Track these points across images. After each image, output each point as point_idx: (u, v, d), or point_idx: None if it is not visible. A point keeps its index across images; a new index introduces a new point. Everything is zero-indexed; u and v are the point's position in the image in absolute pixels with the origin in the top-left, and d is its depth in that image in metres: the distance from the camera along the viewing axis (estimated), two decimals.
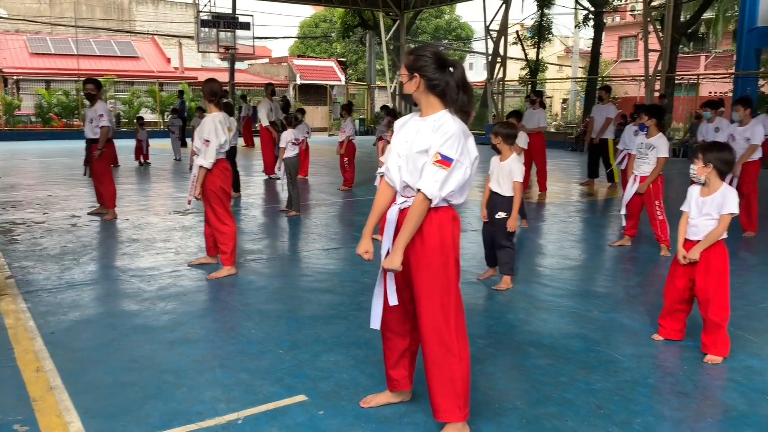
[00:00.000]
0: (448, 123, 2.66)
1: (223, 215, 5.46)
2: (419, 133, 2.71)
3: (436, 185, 2.62)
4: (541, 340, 4.09)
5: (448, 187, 2.65)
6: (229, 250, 5.46)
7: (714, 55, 35.52)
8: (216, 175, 5.35)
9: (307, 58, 37.92)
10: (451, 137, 2.62)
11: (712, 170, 3.74)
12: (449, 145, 2.61)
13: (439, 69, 2.68)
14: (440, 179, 2.62)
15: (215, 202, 5.40)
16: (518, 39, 27.98)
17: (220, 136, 5.29)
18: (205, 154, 5.26)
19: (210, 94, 5.39)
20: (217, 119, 5.32)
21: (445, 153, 2.61)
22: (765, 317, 4.57)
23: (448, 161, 2.61)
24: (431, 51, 2.73)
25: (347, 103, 11.39)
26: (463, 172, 2.68)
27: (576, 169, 14.66)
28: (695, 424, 3.03)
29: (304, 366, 3.63)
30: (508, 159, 5.23)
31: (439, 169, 2.61)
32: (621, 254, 6.57)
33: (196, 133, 5.38)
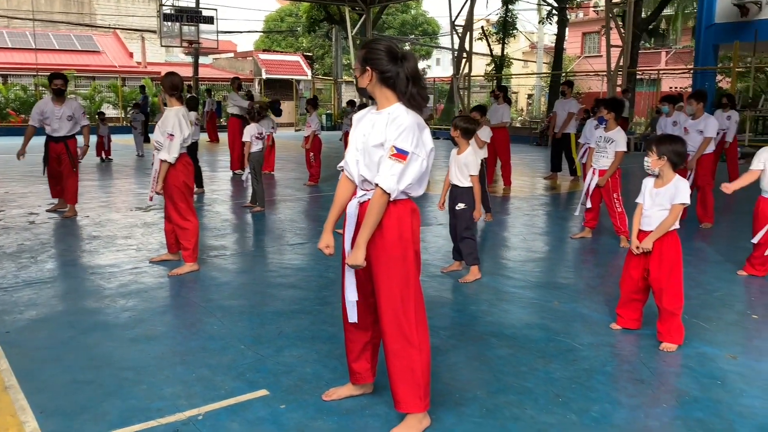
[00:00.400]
0: (402, 116, 2.67)
1: (186, 211, 5.40)
2: (374, 127, 2.72)
3: (393, 179, 2.63)
4: (502, 331, 4.14)
5: (406, 180, 2.67)
6: (191, 247, 5.40)
7: (674, 50, 36.30)
8: (178, 170, 5.28)
9: (272, 52, 37.61)
10: (405, 130, 2.63)
11: (665, 162, 3.83)
12: (403, 138, 2.63)
13: (391, 61, 2.69)
14: (397, 173, 2.63)
15: (177, 197, 5.33)
16: (483, 35, 28.16)
17: (184, 130, 5.23)
18: (169, 149, 5.19)
19: (171, 87, 5.32)
20: (180, 113, 5.26)
21: (400, 146, 2.62)
22: (719, 306, 4.70)
23: (404, 154, 2.63)
24: (383, 44, 2.74)
25: (312, 97, 11.35)
26: (419, 164, 2.69)
27: (540, 163, 14.84)
28: (650, 410, 3.11)
29: (267, 361, 3.62)
30: (465, 152, 5.28)
31: (395, 162, 2.63)
32: (582, 246, 6.68)
33: (158, 128, 5.30)
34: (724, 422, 2.98)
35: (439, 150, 17.48)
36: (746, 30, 19.66)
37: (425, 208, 8.71)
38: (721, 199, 7.87)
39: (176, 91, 5.34)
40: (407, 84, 2.69)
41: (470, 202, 5.27)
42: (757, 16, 20.21)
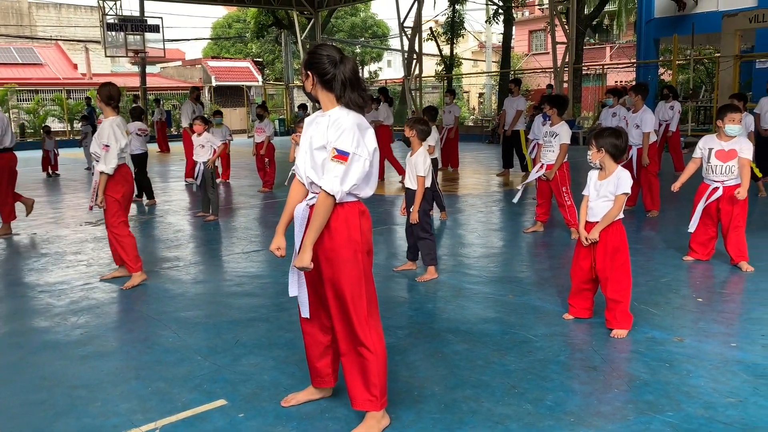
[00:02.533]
0: (342, 117, 2.71)
1: (119, 223, 5.27)
2: (318, 130, 2.75)
3: (336, 181, 2.65)
4: (459, 327, 4.20)
5: (349, 181, 2.69)
6: (133, 257, 5.30)
7: (618, 45, 37.25)
8: (117, 181, 5.19)
9: (221, 59, 37.16)
10: (345, 131, 2.66)
11: (605, 155, 3.95)
12: (344, 139, 2.66)
13: (330, 65, 2.73)
14: (339, 174, 2.65)
15: (115, 209, 5.23)
16: (432, 35, 28.41)
17: (120, 140, 5.15)
18: (105, 160, 5.10)
19: (107, 97, 5.24)
20: (114, 123, 5.19)
21: (340, 147, 2.65)
22: (666, 291, 4.85)
23: (345, 155, 2.65)
24: (325, 49, 2.79)
25: (262, 103, 11.28)
26: (362, 164, 2.72)
27: (493, 160, 15.05)
28: (602, 396, 3.20)
29: (224, 371, 3.59)
30: (416, 153, 5.33)
31: (337, 164, 2.65)
32: (535, 240, 6.81)
33: (95, 139, 5.23)
34: (673, 403, 3.08)
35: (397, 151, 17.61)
36: (684, 23, 20.32)
37: (381, 209, 8.75)
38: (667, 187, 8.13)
39: (112, 101, 5.27)
40: (344, 88, 2.73)
41: (422, 203, 5.30)
42: (694, 10, 20.92)
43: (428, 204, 5.49)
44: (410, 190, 5.37)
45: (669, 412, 2.99)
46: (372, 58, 44.22)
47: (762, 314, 4.28)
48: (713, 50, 23.22)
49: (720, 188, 5.28)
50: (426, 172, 5.29)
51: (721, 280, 5.14)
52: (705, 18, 20.02)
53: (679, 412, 3.00)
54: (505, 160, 12.30)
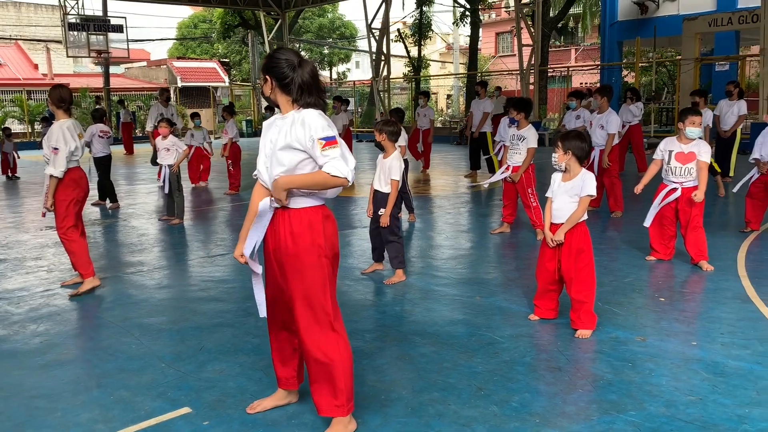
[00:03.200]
0: (307, 113, 2.70)
1: (69, 227, 5.14)
2: (280, 132, 2.73)
3: (341, 162, 2.62)
4: (426, 329, 4.20)
5: (350, 160, 2.69)
6: (83, 262, 5.18)
7: (583, 48, 37.85)
8: (67, 184, 5.08)
9: (187, 59, 36.72)
10: (315, 121, 2.66)
11: (571, 157, 4.00)
12: (322, 129, 2.65)
13: (289, 69, 2.72)
14: (338, 155, 2.63)
15: (61, 212, 5.11)
16: (400, 37, 28.48)
17: (70, 143, 5.04)
18: (54, 163, 4.99)
19: (58, 100, 5.12)
20: (65, 126, 5.08)
21: (323, 135, 2.64)
22: (630, 291, 4.93)
23: (332, 140, 2.64)
24: (284, 52, 2.78)
25: (228, 104, 11.17)
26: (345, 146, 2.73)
27: (461, 162, 15.13)
28: (567, 396, 3.23)
29: (188, 378, 3.53)
30: (390, 156, 5.32)
31: (330, 149, 2.63)
32: (501, 241, 6.86)
33: (44, 141, 5.12)
34: (635, 402, 3.13)
35: (362, 153, 17.58)
36: (646, 26, 20.76)
37: (348, 211, 8.73)
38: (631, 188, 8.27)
39: (63, 103, 5.15)
40: (301, 92, 2.72)
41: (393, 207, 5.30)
42: (655, 14, 21.39)
43: (397, 207, 5.49)
44: (380, 193, 5.36)
45: (632, 412, 3.04)
46: (340, 59, 44.17)
47: (721, 313, 4.38)
48: (675, 53, 23.74)
49: (679, 189, 5.39)
50: (399, 176, 5.29)
51: (682, 280, 5.25)
52: (666, 21, 20.48)
53: (641, 411, 3.04)
54: (472, 162, 12.39)
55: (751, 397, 3.15)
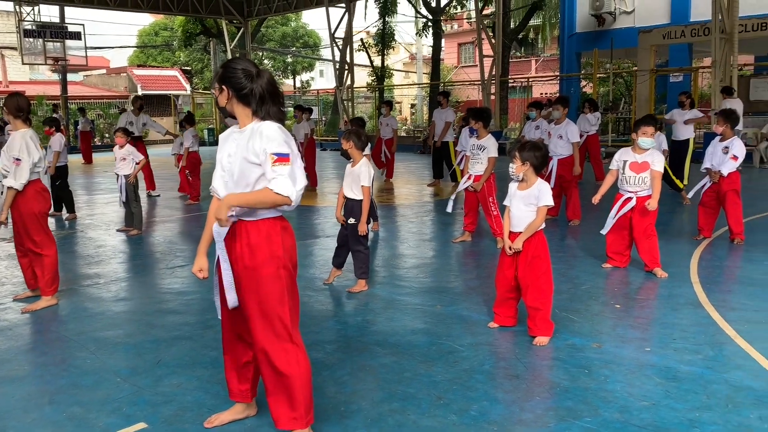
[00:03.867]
0: (266, 126, 2.68)
1: (43, 241, 5.03)
2: (239, 146, 2.71)
3: (288, 182, 2.59)
4: (387, 339, 4.21)
5: (300, 180, 2.65)
6: (49, 278, 5.05)
7: (543, 58, 38.51)
8: (30, 197, 4.92)
9: (148, 67, 36.18)
10: (272, 135, 2.64)
11: (528, 167, 4.07)
12: (277, 144, 2.62)
13: (246, 79, 2.70)
14: (285, 173, 2.60)
15: (33, 228, 4.96)
16: (363, 46, 28.58)
17: (33, 154, 4.89)
18: (16, 174, 4.83)
19: (16, 109, 4.95)
20: (27, 135, 4.92)
21: (277, 151, 2.61)
22: (586, 298, 5.02)
23: (285, 157, 2.62)
24: (240, 63, 2.76)
25: (187, 113, 11.05)
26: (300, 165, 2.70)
27: (425, 170, 15.22)
28: (525, 404, 3.27)
29: (144, 392, 3.47)
30: (359, 164, 5.33)
31: (281, 166, 2.60)
32: (463, 249, 6.92)
33: (4, 152, 4.95)
34: (591, 408, 3.19)
35: (326, 161, 17.52)
36: (604, 38, 21.24)
37: (311, 221, 8.70)
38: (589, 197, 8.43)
39: (21, 112, 4.98)
40: (261, 103, 2.71)
41: (360, 216, 5.31)
42: (612, 26, 21.90)
43: (370, 216, 5.51)
44: (351, 200, 5.35)
45: (587, 418, 3.09)
46: (304, 67, 44.09)
47: (674, 319, 4.49)
48: (631, 64, 24.31)
49: (634, 198, 5.53)
50: (370, 182, 5.30)
51: (637, 287, 5.37)
52: (623, 33, 20.99)
53: (596, 417, 3.10)
54: (435, 171, 12.48)
55: (702, 401, 3.24)
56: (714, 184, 6.67)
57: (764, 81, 17.07)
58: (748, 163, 13.77)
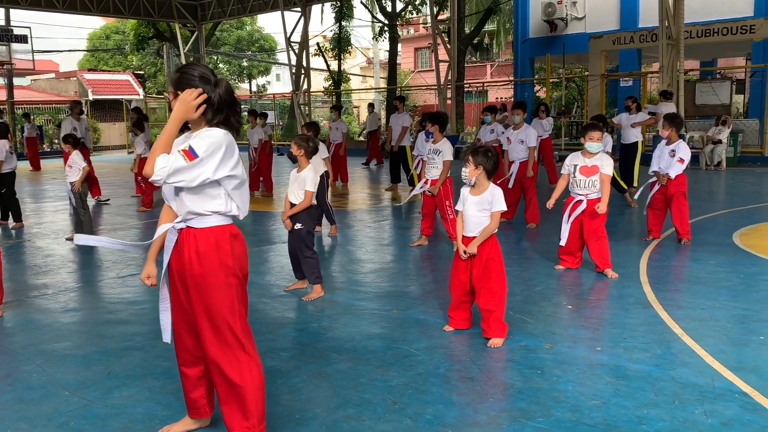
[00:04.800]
0: (213, 130, 2.64)
1: None
2: None
3: (167, 168, 2.51)
4: (343, 345, 4.20)
5: (176, 177, 2.54)
6: None
7: (498, 63, 39.06)
8: None
9: (99, 71, 35.36)
10: (207, 138, 2.59)
11: (481, 172, 4.12)
12: (201, 144, 2.57)
13: (204, 86, 2.67)
14: (173, 165, 2.52)
15: None
16: (320, 51, 28.53)
17: None
18: None
19: None
20: None
21: (194, 147, 2.56)
22: (539, 300, 5.11)
23: (192, 155, 2.55)
24: (197, 68, 2.71)
25: (138, 119, 10.84)
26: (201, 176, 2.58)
27: (383, 175, 15.27)
28: (479, 406, 3.31)
29: (94, 405, 3.38)
30: (305, 169, 5.31)
31: (180, 157, 2.54)
32: (420, 253, 6.96)
33: None
34: (543, 409, 3.24)
35: (284, 166, 17.41)
36: (556, 44, 21.67)
37: (267, 226, 8.63)
38: (544, 200, 8.57)
39: None
40: (216, 111, 2.67)
41: (307, 222, 5.29)
42: (564, 31, 22.35)
43: (313, 222, 5.48)
44: (294, 206, 5.33)
45: (539, 418, 3.14)
46: (260, 71, 43.74)
47: (624, 318, 4.60)
48: (583, 69, 24.86)
49: (584, 201, 5.65)
50: (315, 188, 5.28)
51: (589, 288, 5.48)
52: (574, 39, 21.45)
53: (548, 417, 3.15)
54: (392, 175, 12.54)
55: (650, 399, 3.32)
56: (662, 187, 6.87)
57: (709, 86, 17.69)
58: (694, 165, 14.24)
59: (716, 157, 14.96)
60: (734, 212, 8.94)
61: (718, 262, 6.09)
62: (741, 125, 16.48)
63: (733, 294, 5.12)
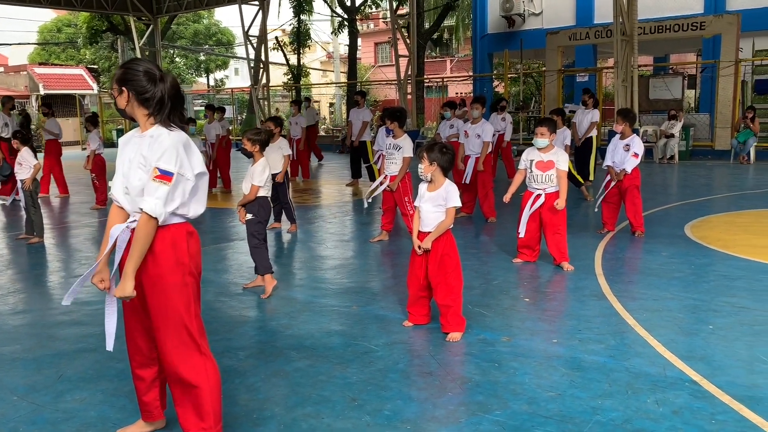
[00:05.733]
0: (163, 136, 2.59)
1: None
2: (138, 150, 2.61)
3: (158, 203, 2.52)
4: (302, 342, 4.18)
5: (174, 202, 2.58)
6: None
7: (457, 59, 39.32)
8: None
9: (51, 65, 34.37)
10: (167, 150, 2.55)
11: (436, 168, 4.13)
12: (167, 159, 2.53)
13: (149, 82, 2.61)
14: (162, 196, 2.53)
15: None
16: (278, 45, 28.25)
17: None
18: None
19: None
20: None
21: (163, 167, 2.53)
22: (497, 293, 5.16)
23: (168, 176, 2.53)
24: (141, 64, 2.66)
25: (91, 114, 10.58)
26: (187, 186, 2.61)
27: (344, 170, 15.21)
28: (437, 400, 3.32)
29: (44, 410, 3.29)
30: (258, 163, 5.27)
31: (160, 184, 2.52)
32: (381, 249, 6.96)
33: None
34: (500, 401, 3.28)
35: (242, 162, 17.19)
36: (514, 39, 21.90)
37: (225, 223, 8.52)
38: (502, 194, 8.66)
39: None
40: (162, 106, 2.62)
41: (258, 212, 5.25)
42: (522, 27, 22.61)
43: (266, 214, 5.43)
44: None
45: (497, 411, 3.17)
46: (218, 65, 43.10)
47: (579, 310, 4.68)
48: (540, 64, 25.18)
49: (542, 195, 5.73)
50: (264, 183, 5.24)
51: (546, 280, 5.56)
52: (532, 35, 21.72)
53: (506, 410, 3.19)
54: (353, 170, 12.51)
55: (604, 389, 3.39)
56: (617, 181, 6.99)
57: (662, 81, 18.11)
58: (648, 159, 14.60)
59: (669, 150, 15.35)
60: (686, 205, 9.19)
61: (671, 254, 6.25)
62: (692, 120, 16.94)
63: (684, 285, 5.26)
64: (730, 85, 15.87)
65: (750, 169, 13.73)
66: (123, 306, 2.79)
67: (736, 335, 4.10)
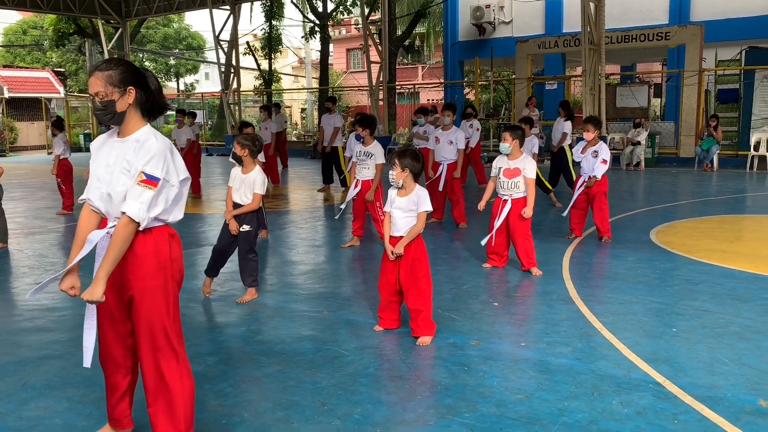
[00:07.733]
0: (151, 140, 2.56)
1: None
2: (120, 155, 2.58)
3: (142, 207, 2.49)
4: (272, 348, 4.17)
5: (157, 208, 2.56)
6: None
7: (429, 66, 39.56)
8: None
9: (15, 68, 33.67)
10: (155, 156, 2.53)
11: (408, 174, 4.17)
12: (154, 164, 2.52)
13: (149, 82, 2.62)
14: (146, 200, 2.50)
15: None
16: (250, 50, 28.13)
17: None
18: None
19: None
20: None
21: (149, 172, 2.51)
22: (467, 297, 5.21)
23: (155, 181, 2.51)
24: (129, 63, 2.64)
25: (56, 118, 10.41)
26: (171, 192, 2.60)
27: (315, 176, 15.19)
28: (407, 404, 3.35)
29: (8, 418, 3.23)
30: (253, 171, 5.23)
31: (145, 189, 2.50)
32: (352, 254, 6.97)
33: None
34: (469, 404, 3.31)
35: (213, 166, 17.07)
36: (484, 47, 22.15)
37: (195, 228, 8.45)
38: (472, 200, 8.75)
39: None
40: (155, 106, 2.66)
41: (253, 222, 5.22)
42: (492, 35, 22.88)
43: (259, 223, 5.42)
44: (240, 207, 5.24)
45: (466, 414, 3.21)
46: (188, 70, 42.72)
47: (547, 314, 4.75)
48: (510, 72, 25.48)
49: (509, 201, 5.81)
50: (263, 190, 5.22)
51: (515, 285, 5.63)
52: (502, 43, 21.99)
53: (474, 412, 3.22)
54: (325, 176, 12.51)
55: (570, 391, 3.45)
56: (586, 187, 7.12)
57: (629, 89, 18.46)
58: (615, 165, 14.86)
59: (635, 157, 15.65)
60: (652, 211, 9.38)
61: (636, 259, 6.38)
62: (658, 127, 17.31)
63: (649, 289, 5.37)
64: (694, 94, 16.26)
65: (713, 176, 14.07)
66: (98, 312, 2.73)
67: (698, 338, 4.21)
